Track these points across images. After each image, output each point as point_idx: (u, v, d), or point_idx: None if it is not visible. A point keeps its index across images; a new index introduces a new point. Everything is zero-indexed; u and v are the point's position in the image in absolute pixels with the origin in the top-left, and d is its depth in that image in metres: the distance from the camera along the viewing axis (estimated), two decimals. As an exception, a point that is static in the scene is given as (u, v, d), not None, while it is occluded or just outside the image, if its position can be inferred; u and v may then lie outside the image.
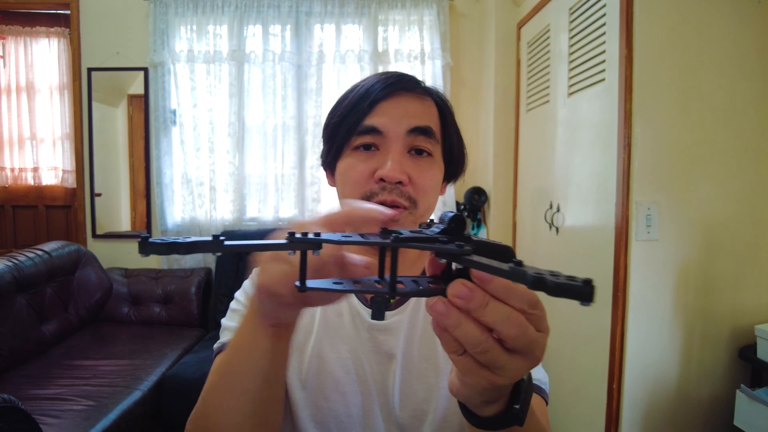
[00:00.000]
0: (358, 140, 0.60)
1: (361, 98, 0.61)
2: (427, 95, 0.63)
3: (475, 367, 0.32)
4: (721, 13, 1.35)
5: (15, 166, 3.09)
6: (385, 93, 0.60)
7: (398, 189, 0.58)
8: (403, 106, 0.60)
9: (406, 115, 0.60)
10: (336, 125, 0.62)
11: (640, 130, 1.36)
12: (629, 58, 1.37)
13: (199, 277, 2.48)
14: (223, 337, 0.63)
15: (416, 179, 0.59)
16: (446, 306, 0.30)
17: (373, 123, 0.59)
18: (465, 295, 0.29)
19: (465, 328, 0.30)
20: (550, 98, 1.93)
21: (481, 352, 0.30)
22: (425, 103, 0.63)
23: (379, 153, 0.60)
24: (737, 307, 1.40)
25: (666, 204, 1.37)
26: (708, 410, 1.41)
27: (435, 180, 0.62)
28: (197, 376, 1.83)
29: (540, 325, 0.32)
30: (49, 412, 1.50)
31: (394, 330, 0.62)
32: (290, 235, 0.32)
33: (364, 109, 0.60)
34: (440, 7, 2.54)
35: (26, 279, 1.94)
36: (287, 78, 2.56)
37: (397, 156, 0.58)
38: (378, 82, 0.61)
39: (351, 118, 0.60)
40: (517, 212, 2.38)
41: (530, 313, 0.31)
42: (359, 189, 0.59)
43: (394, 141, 0.59)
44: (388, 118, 0.59)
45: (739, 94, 1.37)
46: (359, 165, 0.60)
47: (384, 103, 0.60)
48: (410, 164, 0.59)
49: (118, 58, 2.62)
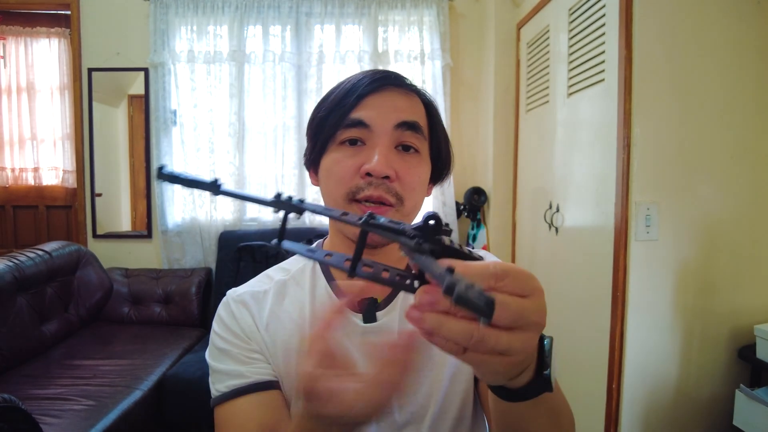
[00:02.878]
0: (344, 134, 0.59)
1: (348, 93, 0.59)
2: (413, 92, 0.63)
3: (482, 358, 0.31)
4: (720, 13, 1.35)
5: (15, 166, 3.09)
6: (373, 87, 0.59)
7: (385, 184, 0.57)
8: (390, 100, 0.59)
9: (393, 109, 0.59)
10: (321, 120, 0.61)
11: (640, 130, 1.36)
12: (629, 58, 1.37)
13: (200, 277, 2.48)
14: (218, 383, 0.58)
15: (403, 175, 0.58)
16: (419, 312, 0.30)
17: (359, 116, 0.58)
18: (428, 300, 0.30)
19: (448, 327, 0.29)
20: (549, 98, 1.93)
21: (477, 342, 0.29)
22: (412, 100, 0.62)
23: (365, 148, 0.58)
24: (737, 307, 1.40)
25: (666, 204, 1.37)
26: (707, 410, 1.41)
27: (422, 177, 0.61)
28: (197, 376, 1.83)
29: (520, 289, 0.30)
30: (50, 412, 1.50)
31: (387, 330, 0.61)
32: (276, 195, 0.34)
33: (351, 103, 0.58)
34: (440, 8, 2.54)
35: (27, 279, 1.94)
36: (287, 78, 2.56)
37: (384, 150, 0.57)
38: (365, 77, 0.60)
39: (337, 111, 0.59)
40: (516, 212, 2.38)
41: (500, 285, 0.30)
42: (345, 184, 0.58)
43: (381, 135, 0.58)
44: (376, 112, 0.58)
45: (739, 94, 1.37)
46: (345, 160, 0.58)
47: (371, 97, 0.59)
48: (397, 160, 0.58)
49: (118, 59, 2.62)
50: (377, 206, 0.57)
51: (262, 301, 0.64)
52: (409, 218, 0.61)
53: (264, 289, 0.66)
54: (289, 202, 0.34)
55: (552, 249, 1.92)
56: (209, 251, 2.59)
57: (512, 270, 0.30)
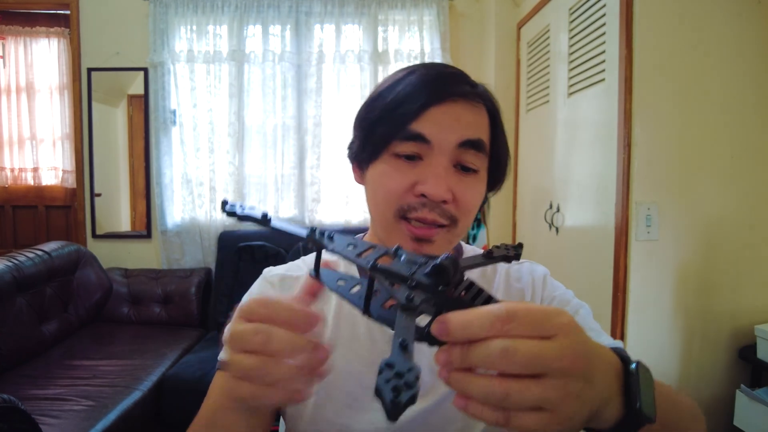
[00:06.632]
0: (400, 147, 0.53)
1: (408, 98, 0.53)
2: (480, 101, 0.56)
3: (525, 420, 0.27)
4: (721, 13, 1.35)
5: (15, 166, 3.08)
6: (438, 98, 0.52)
7: (440, 207, 0.52)
8: (455, 113, 0.53)
9: (458, 125, 0.53)
10: (375, 122, 0.55)
11: (640, 130, 1.36)
12: (629, 58, 1.37)
13: (199, 277, 2.48)
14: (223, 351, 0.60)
15: (460, 197, 0.53)
16: (445, 372, 0.28)
17: (421, 130, 0.52)
18: (445, 358, 0.28)
19: (472, 386, 0.27)
20: (550, 98, 1.93)
21: (503, 399, 0.26)
22: (478, 112, 0.55)
23: (421, 164, 0.53)
24: (737, 308, 1.40)
25: (666, 204, 1.37)
26: (708, 410, 1.41)
27: (479, 198, 0.57)
28: (197, 376, 1.83)
29: (535, 330, 0.27)
30: (49, 412, 1.50)
31: None
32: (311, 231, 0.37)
33: (412, 113, 0.52)
34: (440, 7, 2.54)
35: (26, 279, 1.94)
36: (287, 78, 2.56)
37: (442, 171, 0.52)
38: (427, 81, 0.54)
39: (394, 119, 0.53)
40: (517, 212, 2.38)
41: (507, 329, 0.27)
42: (395, 200, 0.53)
43: (441, 153, 0.52)
44: (439, 128, 0.52)
45: (739, 94, 1.37)
46: (398, 176, 0.53)
47: (435, 108, 0.52)
48: (455, 181, 0.53)
49: (117, 59, 2.61)
50: (427, 228, 0.53)
51: (291, 287, 0.63)
52: (459, 237, 0.57)
53: (296, 275, 0.64)
54: (321, 239, 0.36)
55: (552, 249, 1.92)
56: (209, 251, 2.59)
57: (522, 310, 0.27)
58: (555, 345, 0.27)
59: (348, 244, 0.36)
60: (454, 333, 0.27)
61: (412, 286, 0.30)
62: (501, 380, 0.27)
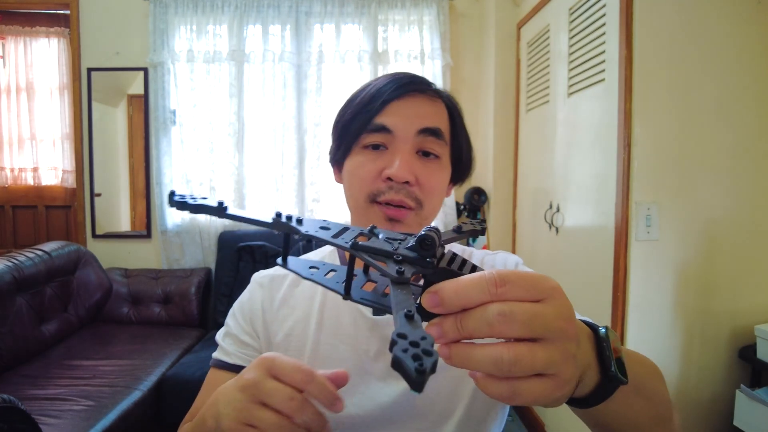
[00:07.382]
0: (367, 138, 0.60)
1: (373, 97, 0.61)
2: (437, 97, 0.64)
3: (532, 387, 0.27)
4: (720, 13, 1.35)
5: (15, 166, 3.09)
6: (397, 93, 0.60)
7: (405, 189, 0.58)
8: (414, 106, 0.61)
9: (416, 115, 0.60)
10: (346, 123, 0.63)
11: (640, 130, 1.36)
12: (629, 58, 1.37)
13: (199, 277, 2.48)
14: (218, 353, 0.67)
15: (423, 180, 0.59)
16: (445, 347, 0.28)
17: (383, 122, 0.59)
18: (438, 330, 0.27)
19: (477, 355, 0.27)
20: (549, 98, 1.93)
21: (512, 366, 0.26)
22: (436, 105, 0.63)
23: (387, 152, 0.60)
24: (737, 308, 1.40)
25: (666, 204, 1.37)
26: (708, 410, 1.41)
27: (442, 182, 0.63)
28: (197, 376, 1.83)
29: (528, 294, 0.27)
30: (49, 412, 1.50)
31: None
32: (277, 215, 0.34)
33: (376, 108, 0.60)
34: (440, 7, 2.54)
35: (26, 279, 1.94)
36: (287, 78, 2.56)
37: (405, 156, 0.59)
38: (390, 82, 0.61)
39: (362, 116, 0.61)
40: (517, 212, 2.38)
41: (501, 292, 0.26)
42: (366, 187, 0.60)
43: (403, 141, 0.59)
44: (399, 118, 0.60)
45: (739, 95, 1.37)
46: (367, 164, 0.60)
47: (395, 102, 0.60)
48: (418, 165, 0.60)
49: (117, 58, 2.61)
50: (397, 209, 0.58)
51: (280, 285, 0.68)
52: (428, 220, 0.62)
53: (285, 274, 0.69)
54: (288, 222, 0.33)
55: (552, 249, 1.92)
56: (209, 251, 2.58)
57: (512, 274, 0.27)
58: (548, 306, 0.27)
59: (319, 226, 0.34)
60: (448, 301, 0.27)
61: (399, 260, 0.29)
62: (509, 345, 0.26)
